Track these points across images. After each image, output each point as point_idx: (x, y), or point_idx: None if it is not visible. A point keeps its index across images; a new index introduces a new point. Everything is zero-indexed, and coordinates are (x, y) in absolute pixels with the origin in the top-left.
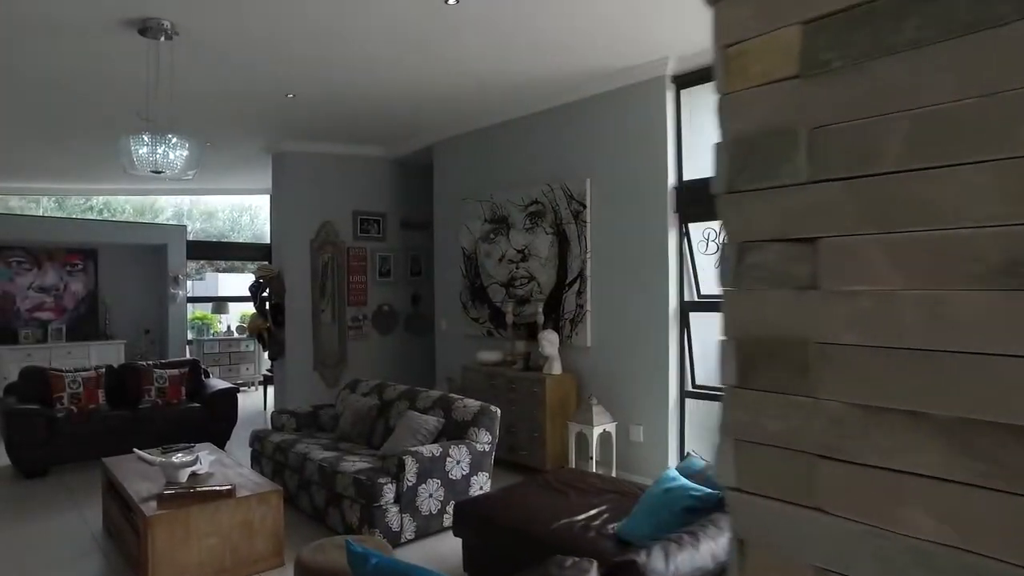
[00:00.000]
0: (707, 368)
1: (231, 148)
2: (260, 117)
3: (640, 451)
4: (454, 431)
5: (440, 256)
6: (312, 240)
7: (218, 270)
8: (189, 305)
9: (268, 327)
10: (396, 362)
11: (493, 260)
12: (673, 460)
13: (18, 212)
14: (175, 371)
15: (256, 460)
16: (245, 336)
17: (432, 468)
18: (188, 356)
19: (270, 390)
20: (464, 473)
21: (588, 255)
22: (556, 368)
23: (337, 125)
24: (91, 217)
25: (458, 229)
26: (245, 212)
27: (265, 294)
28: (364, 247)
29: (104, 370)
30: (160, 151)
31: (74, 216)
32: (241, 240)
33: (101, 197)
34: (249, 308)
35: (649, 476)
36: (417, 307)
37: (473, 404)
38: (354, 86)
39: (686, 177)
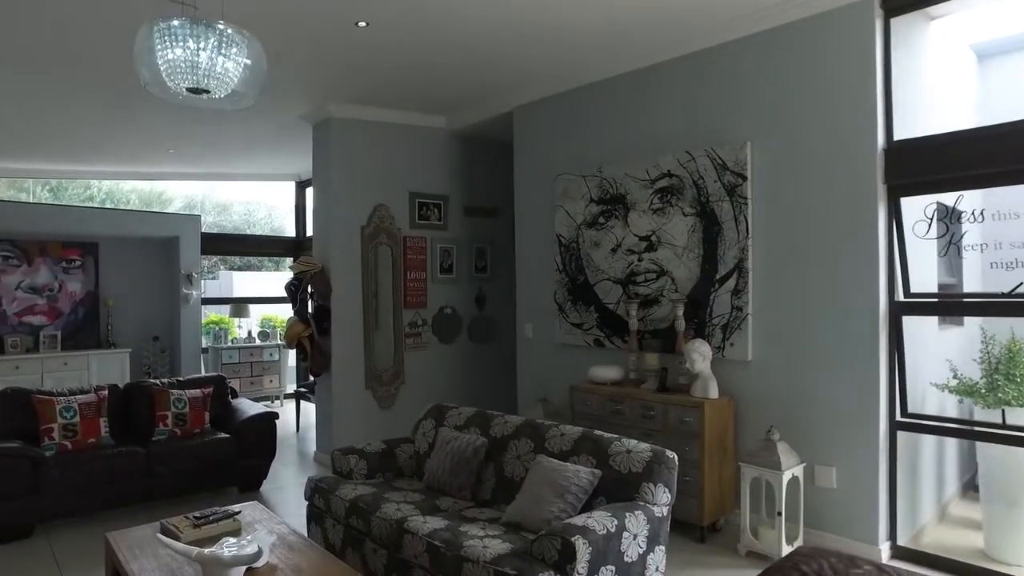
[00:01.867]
0: (918, 389)
1: (263, 112)
2: (312, 59)
3: (833, 501)
4: (614, 488)
5: (524, 247)
6: (363, 227)
7: (232, 268)
8: (203, 308)
9: (310, 334)
10: (462, 377)
11: (603, 250)
12: (883, 512)
13: (3, 199)
14: (197, 391)
15: (316, 520)
16: (272, 343)
17: (607, 550)
18: (204, 368)
19: (303, 407)
20: (640, 551)
21: (749, 241)
22: (712, 390)
23: (399, 81)
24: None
25: (550, 213)
26: (261, 205)
27: (304, 295)
28: (423, 236)
29: (107, 392)
30: (205, 51)
31: (71, 203)
32: (261, 234)
33: (103, 185)
34: (273, 310)
35: (848, 534)
36: (482, 310)
37: (641, 449)
38: (448, 13)
39: (898, 136)
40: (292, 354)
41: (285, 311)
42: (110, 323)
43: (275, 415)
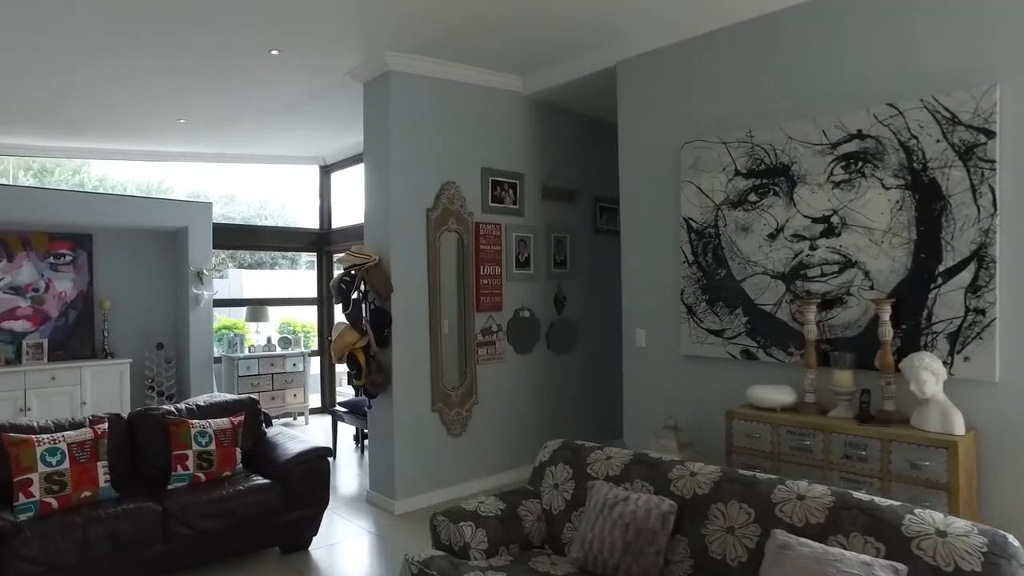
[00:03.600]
0: None
1: (300, 69)
2: None
3: None
4: None
5: (634, 235)
6: (429, 210)
7: (242, 266)
8: (215, 310)
9: (366, 345)
10: (544, 395)
11: (756, 237)
12: None
13: None
14: (224, 421)
15: None
16: (295, 352)
17: None
18: (216, 382)
19: (342, 429)
20: None
21: (996, 221)
22: (956, 423)
23: (473, 25)
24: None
25: (673, 191)
26: (273, 198)
27: (357, 295)
28: (497, 223)
29: (107, 425)
30: None
31: (61, 188)
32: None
33: (94, 171)
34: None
35: None
36: (561, 312)
37: (961, 530)
38: None
39: None
40: (315, 363)
41: (305, 314)
42: (107, 329)
43: (328, 452)
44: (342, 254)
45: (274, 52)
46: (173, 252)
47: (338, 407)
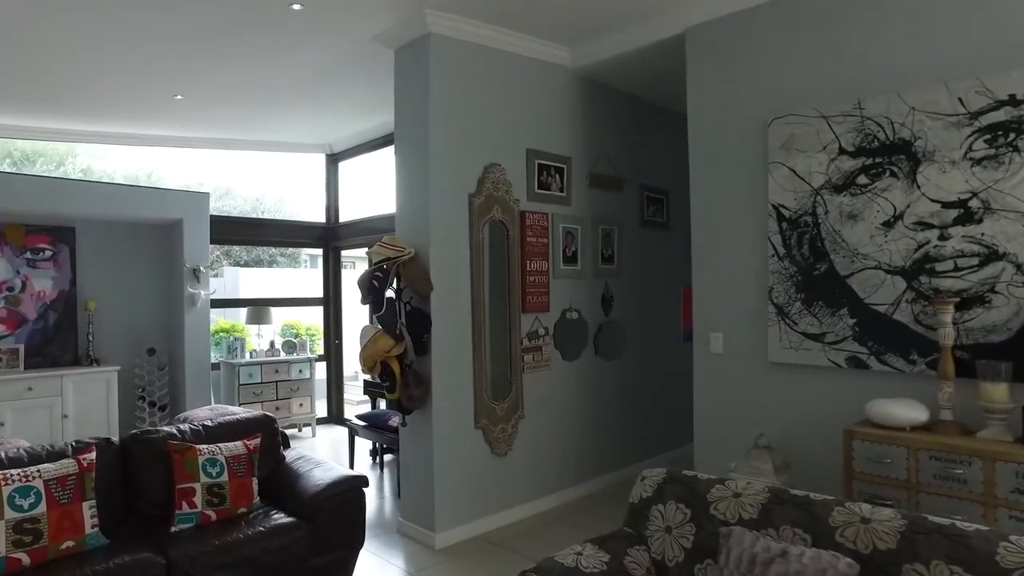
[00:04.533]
0: None
1: (322, 33)
2: None
3: None
4: None
5: (706, 225)
6: (472, 196)
7: (238, 263)
8: (212, 312)
9: (402, 353)
10: (595, 407)
11: (866, 225)
12: None
13: None
14: (237, 445)
15: None
16: (302, 357)
17: None
18: (215, 392)
19: (359, 445)
20: None
21: None
22: None
23: None
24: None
25: (759, 174)
26: (268, 191)
27: (391, 293)
28: (544, 213)
29: (94, 454)
30: None
31: (39, 175)
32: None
33: (79, 161)
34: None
35: None
36: (609, 314)
37: None
38: None
39: None
40: (321, 368)
41: (308, 316)
42: (92, 332)
43: (363, 482)
44: (372, 247)
45: (296, 6)
46: (166, 247)
47: (355, 420)
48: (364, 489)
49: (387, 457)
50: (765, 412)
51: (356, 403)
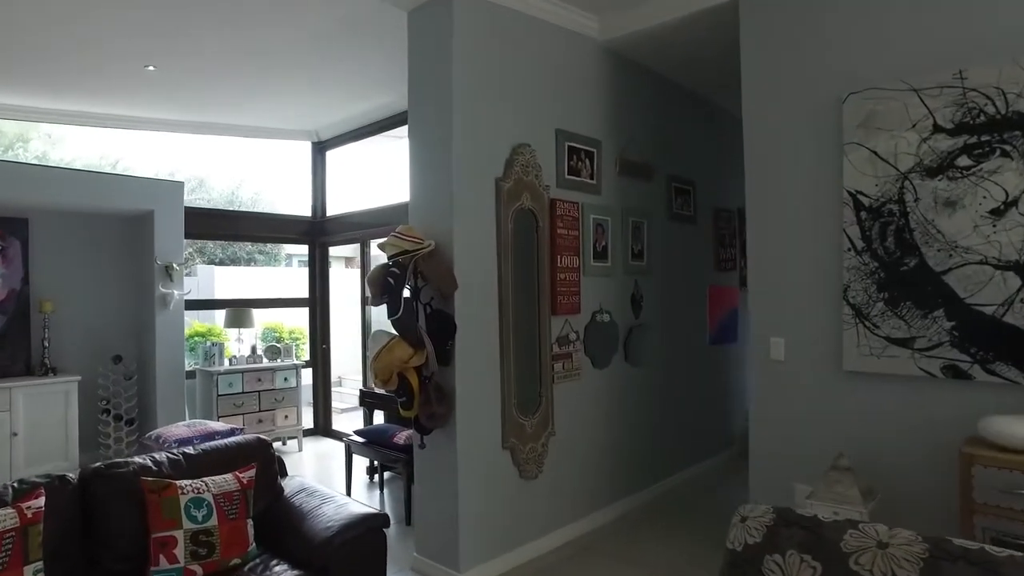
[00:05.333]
0: None
1: None
2: None
3: None
4: None
5: (766, 217)
6: (499, 180)
7: (212, 261)
8: (186, 314)
9: (422, 364)
10: (626, 420)
11: (968, 213)
12: None
13: None
14: (228, 480)
15: None
16: (287, 364)
17: None
18: (191, 405)
19: (354, 462)
20: None
21: None
22: None
23: None
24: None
25: (831, 157)
26: (245, 183)
27: (407, 291)
28: (575, 202)
29: (43, 498)
30: None
31: None
32: (266, 212)
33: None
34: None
35: None
36: (638, 316)
37: None
38: None
39: None
40: (308, 375)
41: (291, 318)
42: (48, 338)
43: (384, 522)
44: (383, 239)
45: None
46: (134, 242)
47: (353, 436)
48: (385, 532)
49: (387, 475)
50: (838, 428)
51: (341, 411)
